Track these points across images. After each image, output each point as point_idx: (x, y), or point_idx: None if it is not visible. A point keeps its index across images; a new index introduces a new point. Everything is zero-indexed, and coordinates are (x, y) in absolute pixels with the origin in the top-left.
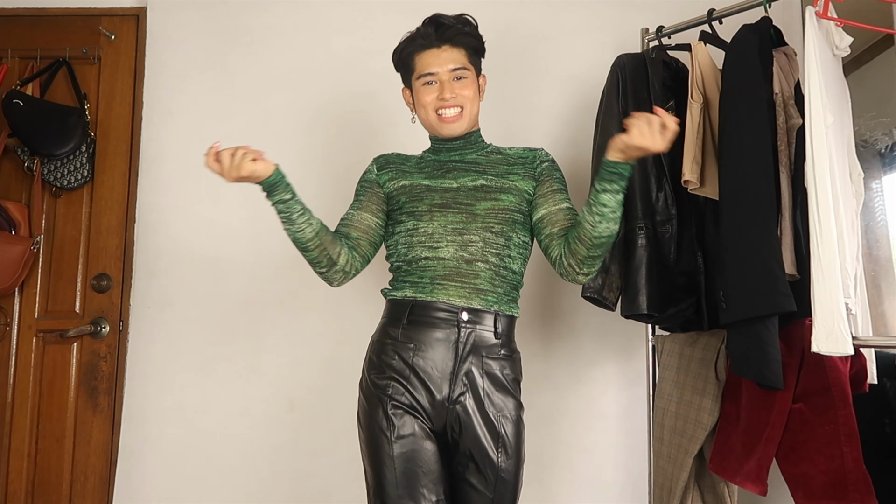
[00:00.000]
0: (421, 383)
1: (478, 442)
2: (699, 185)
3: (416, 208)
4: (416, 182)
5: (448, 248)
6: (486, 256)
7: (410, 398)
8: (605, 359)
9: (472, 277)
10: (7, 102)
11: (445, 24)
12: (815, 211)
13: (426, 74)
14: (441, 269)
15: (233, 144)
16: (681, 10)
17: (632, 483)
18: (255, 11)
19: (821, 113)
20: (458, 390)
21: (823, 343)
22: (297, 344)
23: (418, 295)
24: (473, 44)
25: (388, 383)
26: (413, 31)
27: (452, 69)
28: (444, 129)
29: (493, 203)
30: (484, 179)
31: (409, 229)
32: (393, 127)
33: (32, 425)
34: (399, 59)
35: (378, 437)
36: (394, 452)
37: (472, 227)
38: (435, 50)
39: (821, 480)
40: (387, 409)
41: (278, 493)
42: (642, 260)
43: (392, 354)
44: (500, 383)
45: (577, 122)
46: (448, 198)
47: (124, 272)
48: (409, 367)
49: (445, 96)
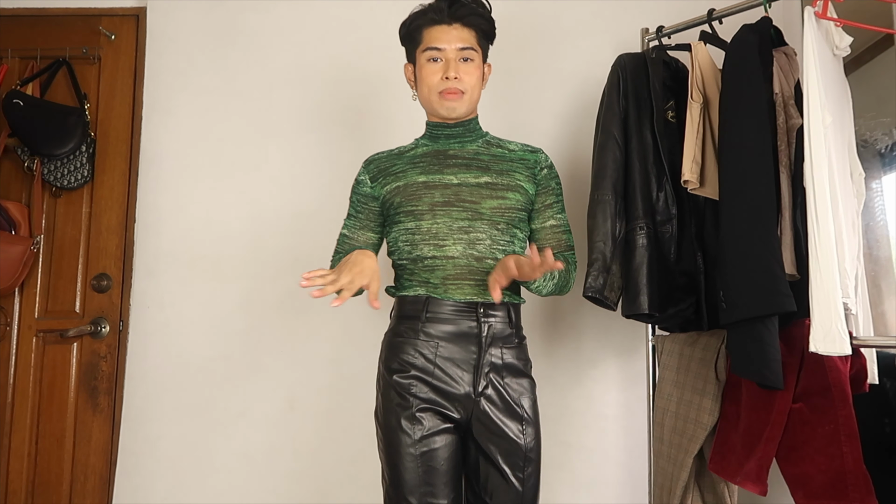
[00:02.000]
0: (447, 378)
1: (503, 429)
2: (699, 186)
3: (416, 207)
4: (410, 180)
5: (456, 246)
6: (494, 254)
7: (436, 395)
8: (605, 359)
9: (484, 275)
10: (7, 102)
11: (460, 2)
12: (814, 211)
13: (433, 48)
14: (451, 268)
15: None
16: (681, 10)
17: (632, 483)
18: (255, 11)
19: (819, 113)
20: (483, 382)
21: (821, 343)
22: (297, 344)
23: (432, 293)
24: (485, 26)
25: (412, 382)
26: (424, 5)
27: (460, 48)
28: (443, 107)
29: (499, 202)
30: (488, 176)
31: (409, 228)
32: (393, 127)
33: (32, 425)
34: (406, 32)
35: (400, 437)
36: (416, 452)
37: (479, 224)
38: (445, 26)
39: (821, 480)
40: (412, 409)
41: (278, 493)
42: (643, 260)
43: (414, 353)
44: (517, 369)
45: (577, 121)
46: (449, 195)
47: (124, 272)
48: (434, 364)
49: (450, 75)
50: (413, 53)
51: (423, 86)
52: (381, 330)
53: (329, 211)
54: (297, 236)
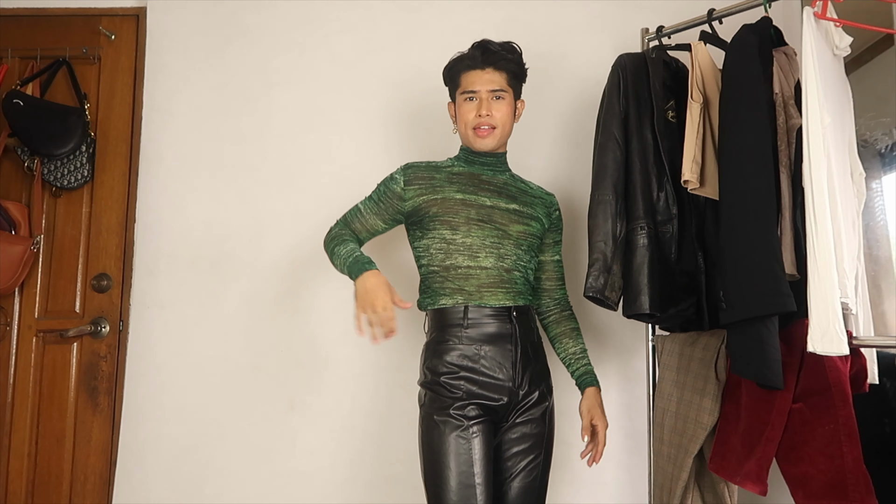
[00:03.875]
0: (492, 377)
1: (536, 417)
2: (699, 185)
3: (453, 219)
4: (448, 196)
5: (488, 258)
6: (518, 267)
7: (482, 389)
8: (605, 359)
9: (512, 283)
10: (7, 102)
11: (491, 50)
12: (812, 211)
13: (468, 91)
14: (485, 278)
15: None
16: (681, 10)
17: (632, 483)
18: (255, 11)
19: (817, 114)
20: (520, 376)
21: (819, 343)
22: (297, 344)
23: (470, 301)
24: (514, 69)
25: (460, 384)
26: (463, 52)
27: (492, 90)
28: (477, 142)
29: (524, 228)
30: (516, 205)
31: (444, 238)
32: (393, 127)
33: (32, 425)
34: (448, 76)
35: (447, 439)
36: (464, 438)
37: (507, 243)
38: (479, 71)
39: (821, 480)
40: (463, 410)
41: (278, 493)
42: (644, 260)
43: (460, 358)
44: (542, 362)
45: (577, 121)
46: (484, 214)
47: (124, 272)
48: (479, 365)
49: (482, 112)
50: (453, 94)
51: (461, 122)
52: None
53: (329, 211)
54: (297, 236)
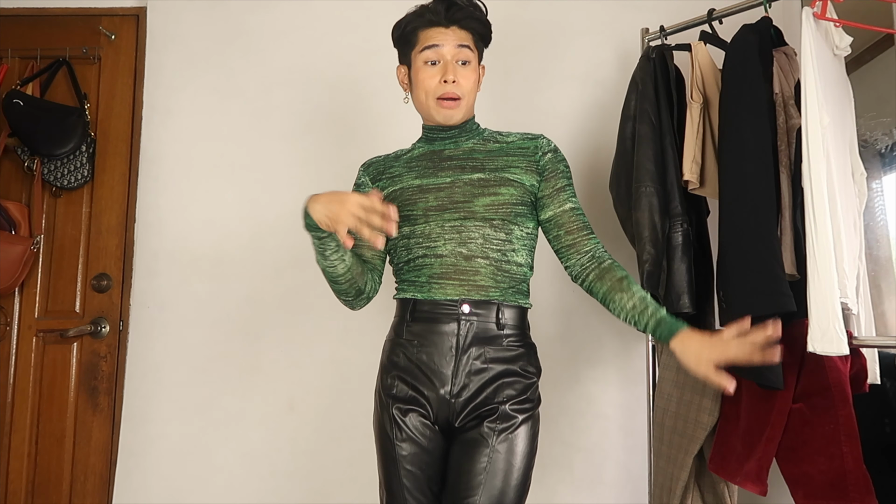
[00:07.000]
0: (425, 378)
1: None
2: (699, 185)
3: (411, 212)
4: (406, 184)
5: (446, 245)
6: (486, 252)
7: (415, 393)
8: (605, 358)
9: (471, 274)
10: (7, 102)
11: (458, 4)
12: (811, 211)
13: (430, 47)
14: (438, 267)
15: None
16: (681, 10)
17: (632, 483)
18: (255, 11)
19: (816, 113)
20: (461, 383)
21: (818, 343)
22: (296, 344)
23: (418, 294)
24: (481, 29)
25: (394, 382)
26: (420, 6)
27: (458, 45)
28: (441, 113)
29: (492, 199)
30: (482, 173)
31: (404, 233)
32: (393, 127)
33: (32, 425)
34: (401, 34)
35: (384, 440)
36: (397, 454)
37: (471, 223)
38: (442, 28)
39: (821, 480)
40: (391, 411)
41: (278, 493)
42: (686, 258)
43: (398, 353)
44: (504, 373)
45: (577, 121)
46: (442, 197)
47: (124, 272)
48: (413, 363)
49: (448, 78)
50: (408, 55)
51: (420, 90)
52: (382, 330)
53: None
54: (297, 236)
